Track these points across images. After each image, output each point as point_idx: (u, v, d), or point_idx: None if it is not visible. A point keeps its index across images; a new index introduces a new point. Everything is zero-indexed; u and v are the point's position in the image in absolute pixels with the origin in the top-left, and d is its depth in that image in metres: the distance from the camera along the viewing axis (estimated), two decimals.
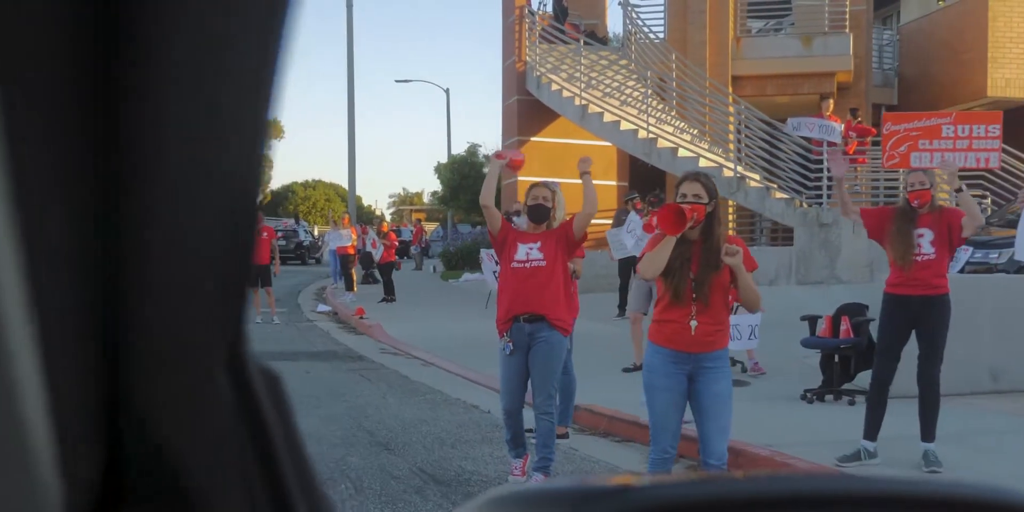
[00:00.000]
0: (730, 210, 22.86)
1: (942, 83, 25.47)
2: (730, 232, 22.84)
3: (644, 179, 26.43)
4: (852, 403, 10.13)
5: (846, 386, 10.53)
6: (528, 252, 7.00)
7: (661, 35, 24.02)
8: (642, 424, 9.08)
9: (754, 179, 19.62)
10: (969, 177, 19.09)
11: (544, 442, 6.99)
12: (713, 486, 0.94)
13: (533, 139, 24.04)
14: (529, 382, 7.06)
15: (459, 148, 63.71)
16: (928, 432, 7.34)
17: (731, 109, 21.25)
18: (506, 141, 25.75)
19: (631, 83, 22.78)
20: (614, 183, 24.68)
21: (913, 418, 7.66)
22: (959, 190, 7.24)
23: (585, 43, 22.94)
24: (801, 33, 24.28)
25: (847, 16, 24.09)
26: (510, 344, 6.95)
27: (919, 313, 7.30)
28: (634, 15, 23.85)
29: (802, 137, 19.34)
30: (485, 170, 41.74)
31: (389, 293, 22.36)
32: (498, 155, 7.38)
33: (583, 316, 17.88)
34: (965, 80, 24.54)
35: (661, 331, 5.54)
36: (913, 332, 7.40)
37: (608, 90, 22.13)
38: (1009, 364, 11.05)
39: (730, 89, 22.89)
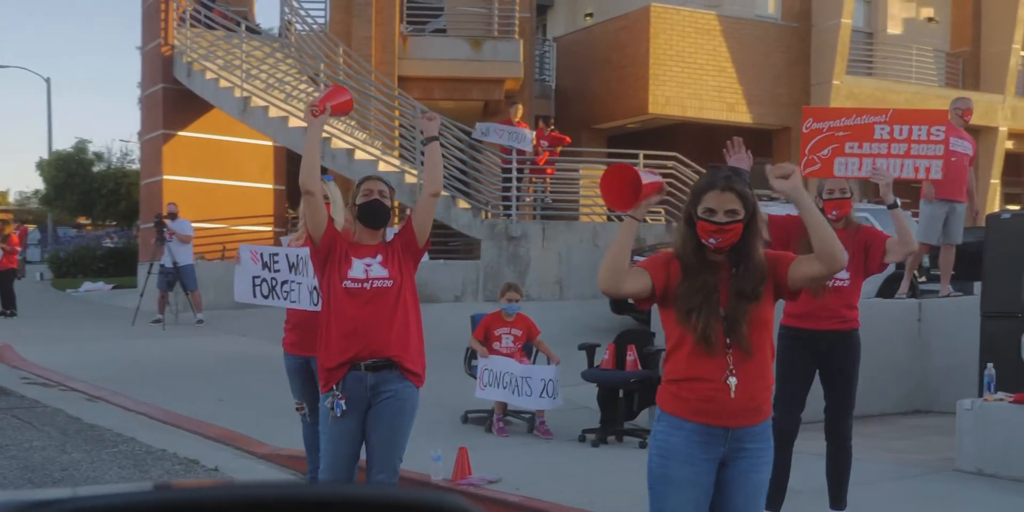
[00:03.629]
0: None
1: (602, 97, 25.15)
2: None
3: None
4: (644, 445, 8.75)
5: (627, 425, 9.19)
6: (367, 268, 5.01)
7: (324, 26, 22.08)
8: (436, 485, 7.25)
9: None
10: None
11: None
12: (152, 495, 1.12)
13: (181, 133, 21.29)
14: (364, 451, 5.07)
15: (65, 143, 58.28)
16: (839, 497, 6.03)
17: (396, 103, 19.65)
18: (146, 135, 22.79)
19: (294, 72, 20.68)
20: (271, 186, 22.41)
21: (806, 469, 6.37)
22: (894, 206, 5.94)
23: (248, 29, 20.57)
24: (470, 36, 23.11)
25: (516, 21, 23.17)
26: (342, 401, 4.93)
27: (828, 351, 5.97)
28: (295, 3, 21.78)
29: (487, 142, 18.10)
30: (95, 169, 37.92)
31: (9, 306, 18.95)
32: (319, 105, 5.14)
33: (257, 336, 15.69)
34: (627, 95, 24.29)
35: (682, 396, 3.78)
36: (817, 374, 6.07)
37: (272, 81, 19.89)
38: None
39: (396, 90, 21.31)
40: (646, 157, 18.65)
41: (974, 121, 12.90)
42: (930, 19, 27.15)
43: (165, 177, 20.95)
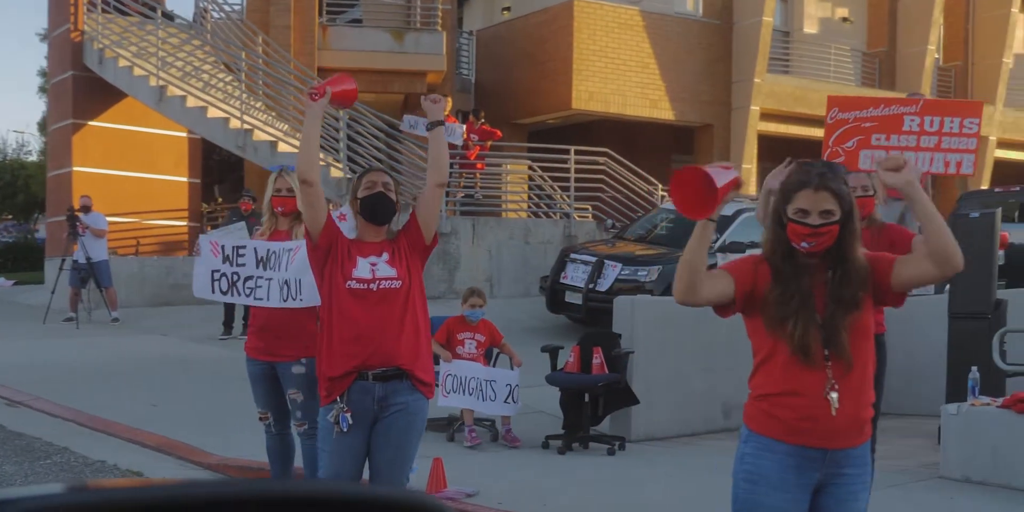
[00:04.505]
0: None
1: (524, 92, 24.78)
2: None
3: (221, 175, 23.61)
4: (612, 452, 8.41)
5: (592, 430, 8.82)
6: (373, 268, 4.54)
7: (241, 14, 21.34)
8: None
9: None
10: (586, 184, 18.29)
11: None
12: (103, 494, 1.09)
13: (92, 123, 20.36)
14: (368, 468, 4.60)
15: None
16: None
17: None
18: (54, 125, 21.80)
19: (212, 60, 19.93)
20: (185, 179, 21.58)
21: None
22: None
23: (163, 15, 19.76)
24: (391, 27, 22.55)
25: (439, 13, 22.69)
26: (348, 415, 4.45)
27: None
28: None
29: (415, 135, 17.56)
30: (2, 160, 36.46)
31: None
32: (320, 89, 4.64)
33: (178, 335, 15.00)
34: (550, 91, 23.95)
35: (775, 414, 3.39)
36: None
37: (189, 70, 19.11)
38: (740, 399, 9.87)
39: (316, 80, 20.67)
40: (577, 153, 18.32)
41: None
42: (844, 19, 27.31)
43: (75, 169, 20.04)
